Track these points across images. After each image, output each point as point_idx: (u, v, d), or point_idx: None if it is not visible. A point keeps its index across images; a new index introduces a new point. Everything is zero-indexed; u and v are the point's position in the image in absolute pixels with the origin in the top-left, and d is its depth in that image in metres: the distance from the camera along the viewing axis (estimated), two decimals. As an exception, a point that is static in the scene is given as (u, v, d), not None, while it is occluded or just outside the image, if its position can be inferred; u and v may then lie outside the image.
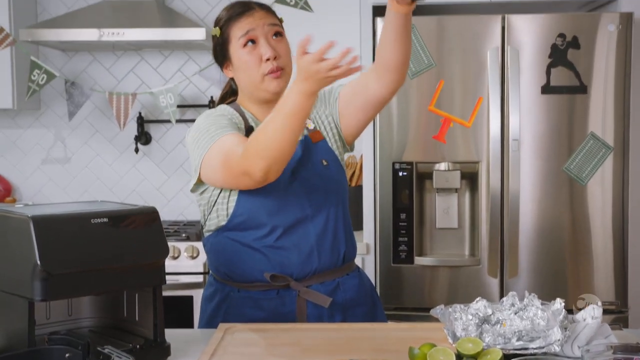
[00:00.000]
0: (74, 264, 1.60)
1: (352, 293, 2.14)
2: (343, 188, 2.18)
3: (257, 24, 2.04)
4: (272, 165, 1.85)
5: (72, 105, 3.83)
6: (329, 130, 2.19)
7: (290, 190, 2.06)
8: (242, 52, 2.04)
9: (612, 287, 3.28)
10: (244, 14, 2.05)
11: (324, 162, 2.13)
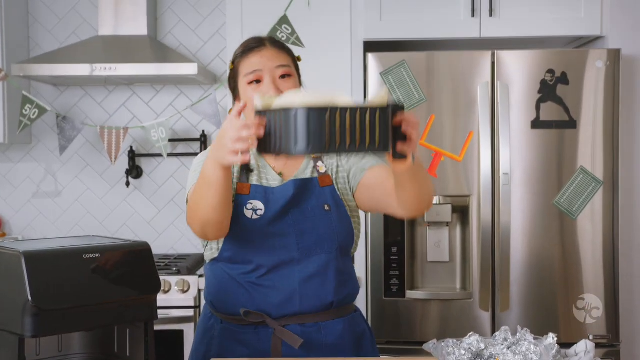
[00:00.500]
0: (66, 299, 1.59)
1: (333, 338, 2.08)
2: (345, 235, 2.11)
3: (265, 64, 2.06)
4: (205, 228, 1.93)
5: (64, 139, 3.83)
6: (341, 181, 2.15)
7: (278, 231, 2.05)
8: (247, 89, 2.07)
9: (603, 321, 3.28)
10: (254, 51, 2.08)
11: (326, 207, 2.09)
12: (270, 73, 2.06)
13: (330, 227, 2.08)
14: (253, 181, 2.09)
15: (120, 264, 1.69)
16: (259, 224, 2.03)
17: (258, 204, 2.06)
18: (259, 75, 2.06)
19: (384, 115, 1.63)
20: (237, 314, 2.08)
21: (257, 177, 2.10)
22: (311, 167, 2.15)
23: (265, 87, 2.04)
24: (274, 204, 2.06)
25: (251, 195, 2.07)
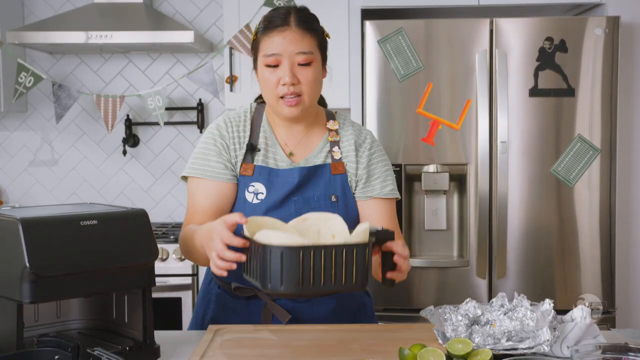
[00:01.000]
0: (63, 266, 1.59)
1: (325, 312, 2.08)
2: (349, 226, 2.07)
3: (286, 49, 1.95)
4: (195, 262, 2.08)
5: (60, 107, 3.81)
6: (352, 171, 2.09)
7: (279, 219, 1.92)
8: (264, 70, 1.98)
9: (599, 287, 3.30)
10: (276, 30, 1.96)
11: (333, 198, 2.05)
12: (289, 58, 1.95)
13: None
14: (258, 161, 2.05)
15: (117, 230, 1.69)
16: (258, 209, 2.01)
17: (260, 186, 2.02)
18: (277, 60, 1.95)
19: (362, 252, 1.61)
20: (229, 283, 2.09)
21: (263, 157, 2.05)
22: (326, 150, 2.08)
23: (282, 72, 1.95)
24: (277, 189, 2.02)
25: (254, 177, 2.03)
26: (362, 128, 2.17)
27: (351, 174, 2.09)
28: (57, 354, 1.41)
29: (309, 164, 2.06)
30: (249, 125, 2.08)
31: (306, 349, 1.81)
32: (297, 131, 2.08)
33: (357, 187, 2.10)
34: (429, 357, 1.63)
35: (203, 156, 2.07)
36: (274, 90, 1.98)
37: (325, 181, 2.06)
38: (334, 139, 2.10)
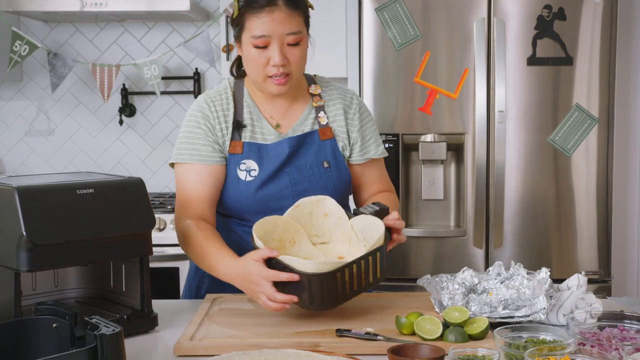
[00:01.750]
0: (60, 234, 1.59)
1: None
2: (344, 190, 2.09)
3: (276, 30, 1.91)
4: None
5: (55, 76, 3.79)
6: (343, 135, 2.10)
7: (275, 193, 2.01)
8: (252, 49, 1.94)
9: (595, 257, 3.31)
10: (265, 10, 1.91)
11: (325, 163, 2.06)
12: (279, 39, 1.92)
13: (328, 186, 2.04)
14: (246, 138, 2.03)
15: (114, 199, 1.69)
16: (253, 185, 2.00)
17: (252, 163, 2.01)
18: (266, 42, 1.92)
19: (382, 253, 1.80)
20: None
21: (250, 133, 2.03)
22: (312, 117, 2.08)
23: (273, 53, 1.92)
24: (269, 164, 2.01)
25: (244, 154, 2.01)
26: (346, 89, 2.17)
27: (341, 138, 2.09)
28: (55, 322, 1.41)
29: (297, 132, 2.06)
30: (232, 101, 2.05)
31: (304, 317, 1.82)
32: (280, 102, 2.07)
33: (352, 151, 2.12)
34: (425, 325, 1.64)
35: (189, 140, 2.02)
36: (262, 70, 1.96)
37: (315, 148, 2.06)
38: (319, 104, 2.10)
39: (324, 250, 1.96)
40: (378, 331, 1.67)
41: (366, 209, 1.91)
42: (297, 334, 1.68)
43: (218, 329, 1.72)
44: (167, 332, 1.77)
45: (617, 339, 1.49)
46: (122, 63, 3.88)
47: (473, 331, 1.62)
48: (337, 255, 1.93)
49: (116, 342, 1.28)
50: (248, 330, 1.71)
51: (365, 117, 2.15)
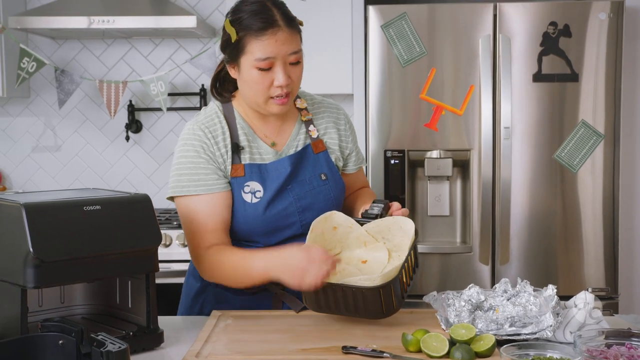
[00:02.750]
0: (67, 251, 1.59)
1: None
2: (341, 202, 2.12)
3: (279, 51, 1.91)
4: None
5: (62, 93, 3.81)
6: (334, 147, 2.14)
7: (282, 212, 2.01)
8: (254, 72, 1.93)
9: (602, 273, 3.30)
10: (268, 32, 1.90)
11: (323, 176, 2.08)
12: (282, 60, 1.92)
13: (328, 198, 2.07)
14: (246, 160, 2.02)
15: (120, 216, 1.69)
16: (260, 207, 1.99)
17: (256, 185, 2.01)
18: (271, 63, 1.92)
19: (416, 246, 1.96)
20: None
21: (249, 155, 2.03)
22: (303, 131, 2.10)
23: (277, 75, 1.92)
24: (272, 183, 2.01)
25: (247, 176, 2.01)
26: (330, 102, 2.20)
27: (333, 150, 2.13)
28: (61, 339, 1.41)
29: (291, 148, 2.07)
30: (226, 125, 2.04)
31: (309, 334, 1.82)
32: (272, 120, 2.08)
33: (348, 162, 2.20)
34: (432, 342, 1.64)
35: (191, 171, 2.00)
36: (265, 91, 1.95)
37: (311, 162, 2.08)
38: (307, 118, 2.12)
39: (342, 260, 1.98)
40: (384, 348, 1.66)
41: (374, 209, 1.98)
42: (303, 351, 1.68)
43: (224, 346, 1.72)
44: (173, 349, 1.77)
45: (624, 357, 1.49)
46: (128, 79, 3.90)
47: (480, 348, 1.62)
48: (358, 260, 1.98)
49: (122, 359, 1.28)
50: (254, 347, 1.71)
51: (352, 127, 2.22)
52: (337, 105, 2.21)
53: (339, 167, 2.14)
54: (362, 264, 1.97)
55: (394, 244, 1.97)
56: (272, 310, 2.04)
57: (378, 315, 1.83)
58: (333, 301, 1.83)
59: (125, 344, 1.30)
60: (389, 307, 1.81)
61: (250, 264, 1.91)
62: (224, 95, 2.09)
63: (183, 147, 2.03)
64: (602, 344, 1.57)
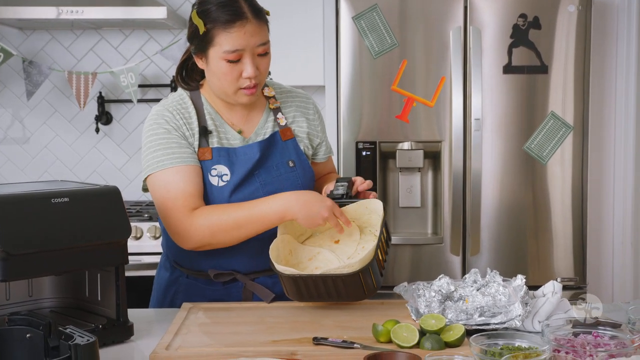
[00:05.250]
0: (34, 243, 1.58)
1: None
2: (310, 189, 2.12)
3: (248, 43, 1.91)
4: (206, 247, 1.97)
5: (30, 84, 3.76)
6: (303, 135, 2.15)
7: (248, 196, 2.00)
8: (222, 64, 1.93)
9: (571, 263, 3.34)
10: (236, 25, 1.90)
11: (291, 163, 2.09)
12: (250, 51, 1.92)
13: (296, 185, 2.07)
14: (214, 144, 2.02)
15: (89, 208, 1.68)
16: (226, 190, 1.99)
17: (223, 168, 2.01)
18: (239, 55, 1.92)
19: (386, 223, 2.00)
20: (203, 270, 2.08)
21: (217, 139, 2.03)
22: (272, 119, 2.11)
23: (246, 66, 1.93)
24: (240, 167, 2.02)
25: (214, 160, 2.01)
26: (299, 92, 2.22)
27: (301, 138, 2.14)
28: (28, 332, 1.40)
29: (259, 136, 2.08)
30: (193, 109, 2.04)
31: (280, 325, 1.82)
32: (239, 109, 2.08)
33: (318, 151, 2.22)
34: (402, 332, 1.64)
35: (164, 147, 1.98)
36: (233, 83, 1.96)
37: (279, 149, 2.09)
38: (275, 106, 2.13)
39: (315, 242, 2.02)
40: (355, 339, 1.67)
41: (338, 190, 2.01)
42: (274, 343, 1.68)
43: (194, 338, 1.71)
44: (143, 342, 1.76)
45: (591, 345, 1.51)
46: (98, 71, 3.86)
47: (449, 338, 1.63)
48: (330, 240, 2.01)
49: (91, 352, 1.27)
50: (225, 339, 1.70)
51: (321, 117, 2.23)
52: (307, 95, 2.22)
53: (307, 155, 2.16)
54: (335, 244, 1.99)
55: (362, 221, 2.00)
56: (242, 302, 2.04)
57: (360, 296, 1.87)
58: (314, 289, 1.84)
59: (93, 337, 1.29)
60: (369, 287, 1.85)
61: (264, 208, 1.91)
62: (191, 84, 2.08)
63: (152, 127, 2.02)
64: (570, 333, 1.58)
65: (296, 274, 1.83)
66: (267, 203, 1.92)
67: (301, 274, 1.83)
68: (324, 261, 1.94)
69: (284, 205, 1.90)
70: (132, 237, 3.42)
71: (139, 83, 3.87)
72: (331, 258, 1.95)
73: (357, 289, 1.84)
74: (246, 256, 2.04)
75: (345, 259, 1.94)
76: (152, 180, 2.00)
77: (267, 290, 2.03)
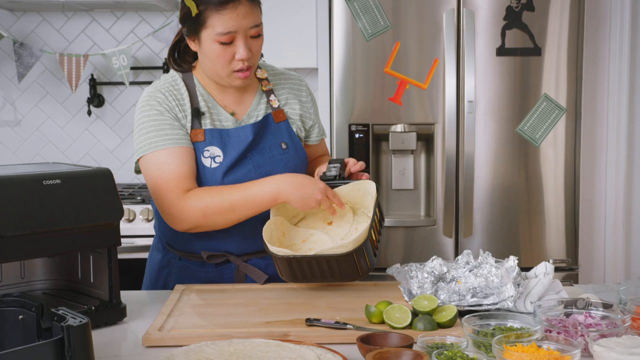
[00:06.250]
0: (27, 225, 1.57)
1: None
2: (301, 172, 2.12)
3: (241, 25, 1.91)
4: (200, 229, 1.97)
5: (22, 66, 3.74)
6: (295, 117, 2.15)
7: (240, 178, 2.01)
8: (215, 46, 1.93)
9: (563, 245, 3.35)
10: (229, 6, 1.89)
11: (283, 145, 2.09)
12: (243, 33, 1.92)
13: (288, 167, 2.07)
14: (206, 125, 2.02)
15: (81, 190, 1.67)
16: (219, 172, 1.99)
17: (215, 150, 2.01)
18: (232, 37, 1.92)
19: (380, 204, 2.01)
20: (196, 252, 2.08)
21: (209, 120, 2.03)
22: (264, 101, 2.10)
23: (239, 48, 1.92)
24: (232, 149, 2.01)
25: (207, 141, 2.01)
26: (292, 74, 2.21)
27: (294, 121, 2.14)
28: (21, 314, 1.40)
29: (252, 118, 2.08)
30: (185, 91, 2.04)
31: (273, 307, 1.82)
32: (232, 91, 2.08)
33: (310, 134, 2.21)
34: (395, 313, 1.65)
35: (156, 129, 1.98)
36: (227, 65, 1.96)
37: (272, 131, 2.09)
38: (268, 88, 2.13)
39: (308, 224, 2.02)
40: (347, 320, 1.67)
41: (331, 171, 2.01)
42: (267, 324, 1.68)
43: (187, 320, 1.71)
44: (136, 323, 1.76)
45: (582, 325, 1.51)
46: (90, 53, 3.84)
47: (442, 319, 1.63)
48: (323, 222, 2.01)
49: (83, 333, 1.27)
50: (217, 321, 1.71)
51: (314, 100, 2.23)
52: (299, 77, 2.21)
53: (300, 137, 2.15)
54: (328, 226, 1.99)
55: (355, 202, 2.01)
56: (235, 284, 2.05)
57: (354, 277, 1.87)
58: (309, 270, 1.84)
59: (86, 319, 1.29)
60: (363, 267, 1.86)
61: (257, 190, 1.91)
62: (183, 66, 2.08)
63: (144, 109, 2.02)
64: (561, 314, 1.59)
65: (290, 255, 1.83)
66: (260, 185, 1.92)
67: (295, 254, 1.83)
68: (317, 242, 1.94)
69: (277, 188, 1.90)
70: (125, 220, 3.42)
71: (131, 65, 3.85)
72: (325, 239, 1.95)
73: (351, 269, 1.84)
74: (239, 238, 2.04)
75: (338, 241, 1.94)
76: (144, 161, 2.00)
77: (260, 271, 2.04)
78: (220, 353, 1.46)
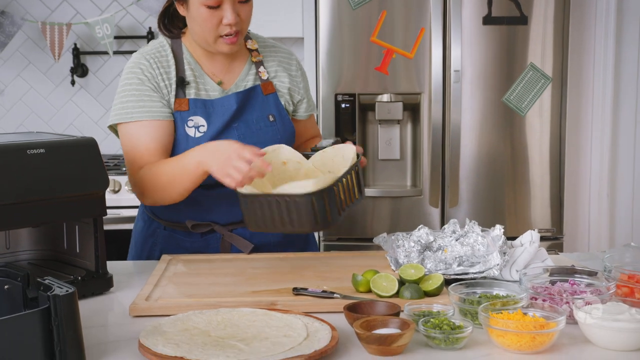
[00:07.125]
0: (10, 195, 1.56)
1: (279, 236, 2.11)
2: (290, 144, 2.11)
3: None
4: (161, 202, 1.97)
5: (3, 35, 3.69)
6: (284, 90, 2.13)
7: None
8: (203, 10, 1.91)
9: (548, 214, 3.37)
10: None
11: (271, 117, 2.07)
12: None
13: (275, 139, 2.05)
14: (191, 95, 2.01)
15: (66, 159, 1.66)
16: (203, 141, 1.97)
17: (199, 119, 2.00)
18: (219, 1, 1.90)
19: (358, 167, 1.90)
20: (181, 222, 2.07)
21: (195, 90, 2.01)
22: (253, 72, 2.09)
23: (226, 13, 1.91)
24: (217, 119, 2.00)
25: (191, 111, 1.99)
26: (282, 47, 2.19)
27: (282, 94, 2.12)
28: (6, 284, 1.39)
29: (239, 88, 2.06)
30: (172, 58, 2.02)
31: (260, 276, 1.82)
32: (221, 59, 2.06)
33: (298, 108, 2.19)
34: (381, 282, 1.65)
35: (135, 98, 1.98)
36: (214, 30, 1.94)
37: (260, 102, 2.07)
38: (258, 59, 2.11)
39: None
40: (334, 289, 1.68)
41: (322, 144, 1.97)
42: (254, 293, 1.68)
43: (174, 289, 1.71)
44: (123, 293, 1.76)
45: (567, 293, 1.53)
46: (73, 22, 3.79)
47: (428, 288, 1.64)
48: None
49: (70, 303, 1.27)
50: (204, 290, 1.71)
51: (304, 74, 2.21)
52: (290, 51, 2.20)
53: (288, 111, 2.14)
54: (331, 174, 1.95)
55: (339, 169, 1.94)
56: (222, 253, 2.05)
57: (311, 226, 1.74)
58: (269, 215, 1.75)
59: (73, 288, 1.28)
60: (323, 218, 1.73)
61: (186, 161, 1.88)
62: (173, 32, 2.06)
63: (127, 76, 2.01)
64: (547, 281, 1.60)
65: (253, 193, 1.76)
66: (188, 154, 1.89)
67: (258, 193, 1.76)
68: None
69: (199, 155, 1.85)
70: (111, 191, 3.40)
71: (115, 34, 3.81)
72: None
73: (309, 216, 1.72)
74: (223, 207, 2.04)
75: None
76: (121, 130, 2.02)
77: (245, 241, 2.04)
78: (207, 322, 1.46)
